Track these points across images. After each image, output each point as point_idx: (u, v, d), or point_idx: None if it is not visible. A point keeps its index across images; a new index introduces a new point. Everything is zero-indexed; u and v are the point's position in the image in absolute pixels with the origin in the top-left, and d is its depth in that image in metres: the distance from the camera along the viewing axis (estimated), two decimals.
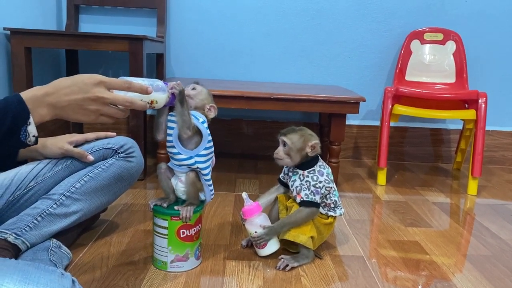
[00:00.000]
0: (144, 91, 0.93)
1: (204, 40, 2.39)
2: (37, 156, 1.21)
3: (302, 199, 1.22)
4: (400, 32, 2.39)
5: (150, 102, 0.97)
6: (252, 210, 1.24)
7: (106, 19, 2.35)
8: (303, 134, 1.23)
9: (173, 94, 1.03)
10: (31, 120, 0.83)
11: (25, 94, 0.85)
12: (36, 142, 0.86)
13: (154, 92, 0.97)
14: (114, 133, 1.30)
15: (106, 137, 1.28)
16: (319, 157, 1.27)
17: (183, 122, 1.05)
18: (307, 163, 1.24)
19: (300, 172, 1.24)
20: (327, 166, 1.28)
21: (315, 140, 1.23)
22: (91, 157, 1.21)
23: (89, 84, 0.87)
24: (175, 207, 1.12)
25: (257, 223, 1.23)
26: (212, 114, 1.13)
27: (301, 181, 1.23)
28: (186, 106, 1.05)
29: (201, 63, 2.41)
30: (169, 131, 1.09)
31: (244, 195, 1.26)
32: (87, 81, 0.87)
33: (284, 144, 1.23)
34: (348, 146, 2.53)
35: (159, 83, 1.00)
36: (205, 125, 1.09)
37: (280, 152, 1.24)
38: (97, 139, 1.27)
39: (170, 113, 1.09)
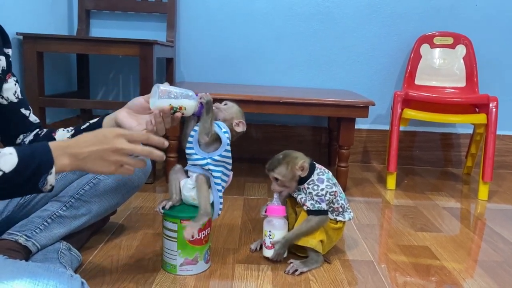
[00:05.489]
0: (161, 144, 0.96)
1: (213, 45, 2.40)
2: None
3: (308, 208, 1.22)
4: (409, 36, 2.38)
5: (179, 108, 1.06)
6: (277, 210, 1.25)
7: (117, 24, 2.37)
8: (288, 161, 1.23)
9: (201, 103, 1.10)
10: (53, 170, 0.84)
11: (52, 144, 0.87)
12: (51, 191, 0.88)
13: (183, 99, 1.06)
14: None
15: None
16: (315, 165, 1.27)
17: (203, 128, 1.11)
18: (303, 177, 1.24)
19: (301, 186, 1.25)
20: (325, 170, 1.28)
21: (300, 161, 1.23)
22: None
23: (110, 136, 0.89)
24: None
25: (274, 225, 1.24)
26: (240, 128, 1.17)
27: (304, 194, 1.24)
28: (211, 115, 1.12)
29: (210, 67, 2.42)
30: (191, 133, 1.14)
31: (276, 194, 1.26)
32: (108, 134, 0.89)
33: (276, 179, 1.24)
34: (357, 151, 2.52)
35: (190, 92, 1.09)
36: (227, 135, 1.14)
37: (276, 187, 1.26)
38: None
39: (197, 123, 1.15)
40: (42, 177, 0.83)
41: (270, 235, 1.24)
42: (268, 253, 1.25)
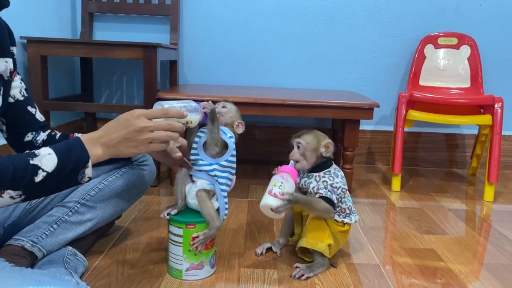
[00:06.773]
0: (181, 116, 1.01)
1: (217, 47, 2.40)
2: None
3: (321, 195, 1.20)
4: (413, 37, 2.37)
5: (185, 122, 1.05)
6: (290, 170, 1.19)
7: (120, 26, 2.37)
8: (316, 134, 1.25)
9: (205, 112, 1.10)
10: (89, 163, 0.90)
11: (83, 137, 0.92)
12: (88, 181, 0.94)
13: (189, 114, 1.05)
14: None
15: None
16: (333, 161, 1.27)
17: (212, 139, 1.11)
18: (321, 165, 1.24)
19: (316, 174, 1.24)
20: (340, 170, 1.28)
21: (328, 140, 1.24)
22: None
23: (131, 118, 0.94)
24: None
25: (288, 180, 1.17)
26: (240, 130, 1.18)
27: (317, 182, 1.22)
28: (217, 123, 1.12)
29: (214, 69, 2.42)
30: (195, 139, 1.14)
31: (292, 162, 1.23)
32: (129, 117, 0.94)
33: (299, 146, 1.23)
34: (362, 152, 2.51)
35: (193, 104, 1.08)
36: (232, 140, 1.14)
37: (295, 154, 1.23)
38: None
39: (200, 129, 1.15)
40: (80, 171, 0.89)
41: (281, 186, 1.15)
42: (273, 201, 1.13)
